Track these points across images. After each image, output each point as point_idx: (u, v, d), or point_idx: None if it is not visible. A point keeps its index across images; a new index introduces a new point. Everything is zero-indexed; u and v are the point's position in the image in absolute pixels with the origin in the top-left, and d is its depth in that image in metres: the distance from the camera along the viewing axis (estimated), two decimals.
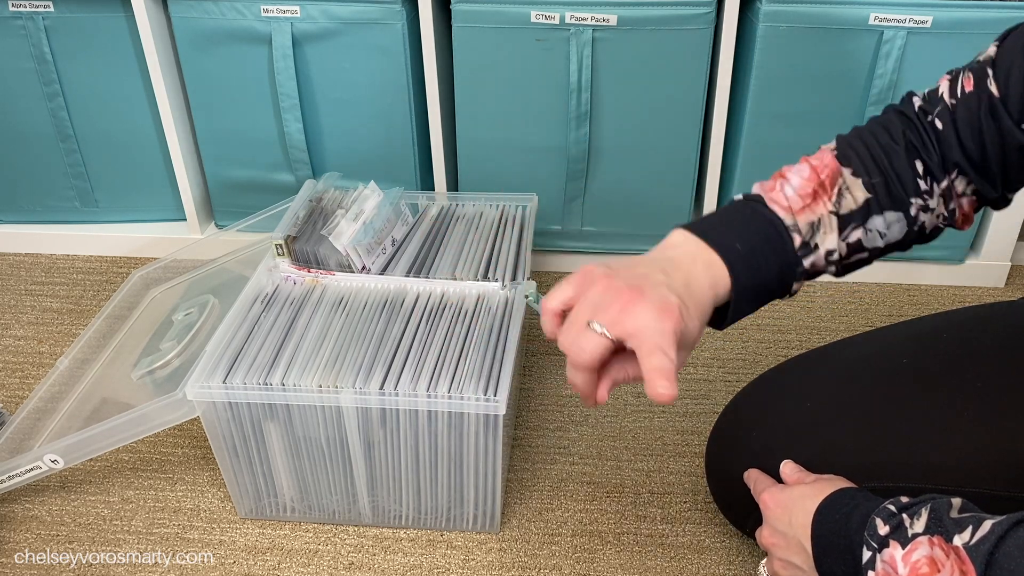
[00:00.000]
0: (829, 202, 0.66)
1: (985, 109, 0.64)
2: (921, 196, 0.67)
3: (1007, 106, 0.63)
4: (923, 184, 0.67)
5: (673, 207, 1.30)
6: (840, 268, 0.69)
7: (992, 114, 0.64)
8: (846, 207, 0.67)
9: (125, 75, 1.28)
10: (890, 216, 0.67)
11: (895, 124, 0.69)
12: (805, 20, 1.12)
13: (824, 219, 0.66)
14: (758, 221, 0.66)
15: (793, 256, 0.65)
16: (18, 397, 1.14)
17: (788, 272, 0.66)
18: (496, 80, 1.20)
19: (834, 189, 0.67)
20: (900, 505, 0.59)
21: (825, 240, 0.66)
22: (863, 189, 0.67)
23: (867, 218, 0.67)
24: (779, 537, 0.70)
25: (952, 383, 0.77)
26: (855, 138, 0.69)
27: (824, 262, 0.67)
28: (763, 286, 0.65)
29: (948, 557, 0.53)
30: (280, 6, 1.18)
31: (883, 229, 0.68)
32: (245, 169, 1.33)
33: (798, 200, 0.66)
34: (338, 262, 0.98)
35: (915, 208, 0.68)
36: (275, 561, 0.92)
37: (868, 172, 0.67)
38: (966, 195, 0.69)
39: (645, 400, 1.12)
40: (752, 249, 0.64)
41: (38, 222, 1.43)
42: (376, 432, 0.85)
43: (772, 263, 0.65)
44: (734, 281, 0.63)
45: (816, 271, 0.68)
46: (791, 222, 0.66)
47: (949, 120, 0.66)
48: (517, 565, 0.91)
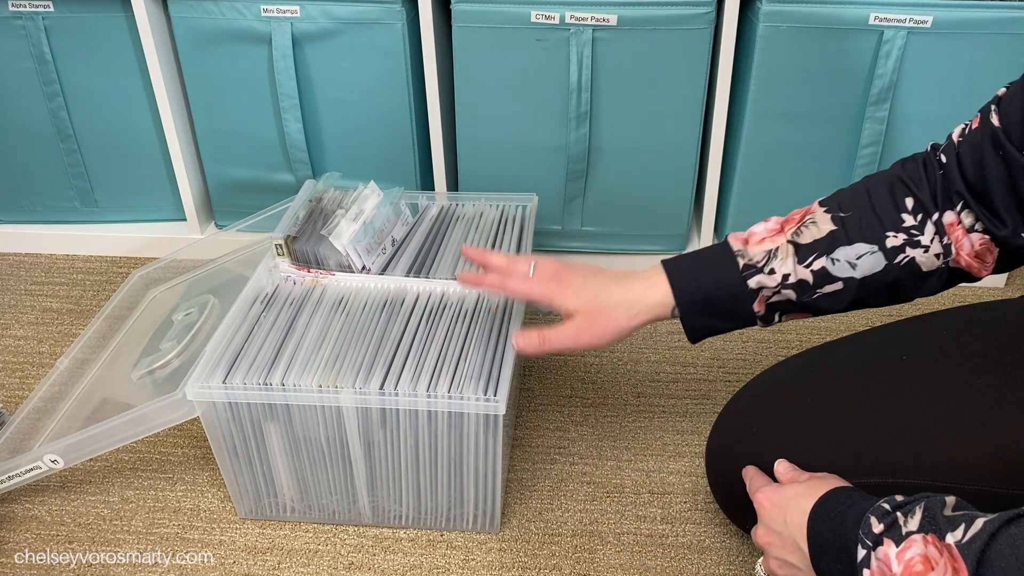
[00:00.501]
0: (789, 233, 0.75)
1: (988, 141, 0.67)
2: (904, 231, 0.72)
3: (1008, 135, 0.65)
4: (909, 219, 0.72)
5: (673, 207, 1.30)
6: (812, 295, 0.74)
7: (995, 145, 0.66)
8: (808, 237, 0.74)
9: (125, 75, 1.28)
10: (860, 247, 0.72)
11: (895, 166, 0.75)
12: (805, 20, 1.12)
13: (781, 247, 0.74)
14: (712, 250, 0.77)
15: (736, 275, 0.74)
16: (18, 397, 1.14)
17: (736, 290, 0.75)
18: (496, 80, 1.20)
19: (799, 223, 0.75)
20: (894, 504, 0.59)
21: (782, 266, 0.74)
22: (829, 222, 0.74)
23: (832, 248, 0.73)
24: (775, 536, 0.70)
25: (951, 381, 0.77)
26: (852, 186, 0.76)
27: (779, 285, 0.74)
28: (711, 302, 0.76)
29: (942, 555, 0.53)
30: (280, 6, 1.18)
31: (852, 259, 0.73)
32: (245, 169, 1.33)
33: (760, 234, 0.76)
34: (338, 262, 0.98)
35: (894, 241, 0.72)
36: (275, 561, 0.92)
37: (841, 208, 0.74)
38: (975, 231, 0.71)
39: (645, 400, 1.12)
40: (695, 269, 0.77)
41: (38, 222, 1.43)
42: (376, 432, 0.86)
43: (711, 279, 0.75)
44: (675, 292, 0.76)
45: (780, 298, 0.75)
46: (738, 248, 0.75)
47: (953, 154, 0.70)
48: (517, 565, 0.91)
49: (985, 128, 0.68)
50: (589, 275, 0.80)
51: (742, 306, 0.76)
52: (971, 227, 0.70)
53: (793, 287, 0.74)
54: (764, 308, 0.76)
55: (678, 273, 0.77)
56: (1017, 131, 0.65)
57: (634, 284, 0.78)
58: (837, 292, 0.74)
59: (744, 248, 0.75)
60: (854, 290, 0.74)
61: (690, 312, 0.77)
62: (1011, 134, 0.65)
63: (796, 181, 1.25)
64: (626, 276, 0.80)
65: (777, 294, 0.75)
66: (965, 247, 0.71)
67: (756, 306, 0.76)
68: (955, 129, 0.72)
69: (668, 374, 1.16)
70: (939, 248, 0.72)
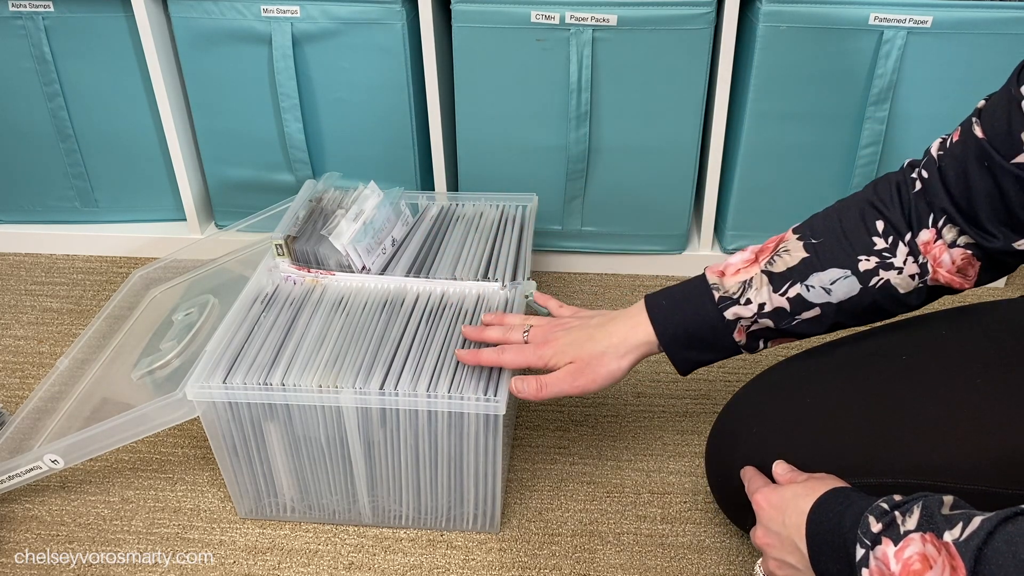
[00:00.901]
0: (763, 263, 0.77)
1: (972, 155, 0.67)
2: (876, 254, 0.73)
3: (994, 145, 0.65)
4: (880, 242, 0.73)
5: (673, 207, 1.30)
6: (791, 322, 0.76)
7: (980, 157, 0.66)
8: (781, 265, 0.76)
9: (125, 75, 1.28)
10: (833, 273, 0.74)
11: (867, 189, 0.76)
12: (805, 20, 1.12)
13: (756, 277, 0.76)
14: (689, 284, 0.80)
15: (713, 308, 0.77)
16: (18, 397, 1.14)
17: (714, 323, 0.77)
18: (496, 80, 1.20)
19: (773, 252, 0.77)
20: (893, 503, 0.60)
21: (757, 295, 0.76)
22: (802, 249, 0.75)
23: (806, 275, 0.75)
24: (773, 537, 0.70)
25: (951, 381, 0.77)
26: (825, 210, 0.78)
27: (755, 314, 0.76)
28: (692, 335, 0.78)
29: (940, 553, 0.53)
30: (280, 6, 1.18)
31: (826, 285, 0.74)
32: (245, 169, 1.33)
33: (736, 266, 0.78)
34: (338, 262, 0.98)
35: (866, 265, 0.73)
36: (275, 561, 0.92)
37: (813, 234, 0.76)
38: (957, 246, 0.71)
39: (645, 400, 1.12)
40: (674, 304, 0.79)
41: (38, 222, 1.43)
42: (376, 432, 0.86)
43: (690, 314, 0.78)
44: (656, 329, 0.79)
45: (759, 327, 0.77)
46: (713, 281, 0.78)
47: (935, 169, 0.70)
48: (517, 565, 0.91)
49: (968, 141, 0.68)
50: (576, 328, 0.83)
51: (722, 337, 0.78)
52: (953, 242, 0.71)
53: (770, 315, 0.76)
54: (745, 337, 0.78)
55: (658, 310, 0.80)
56: (1002, 141, 0.65)
57: (618, 327, 0.81)
58: (816, 317, 0.76)
59: (720, 280, 0.78)
60: (832, 314, 0.76)
61: (674, 347, 0.80)
62: (996, 144, 0.65)
63: (796, 181, 1.25)
64: (611, 320, 0.82)
65: (755, 323, 0.77)
66: (945, 263, 0.72)
67: (736, 336, 0.78)
68: (933, 144, 0.73)
69: (668, 374, 1.16)
70: (914, 268, 0.73)
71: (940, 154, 0.71)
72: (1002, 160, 0.65)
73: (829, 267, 0.74)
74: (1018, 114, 0.63)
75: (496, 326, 0.87)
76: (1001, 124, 0.65)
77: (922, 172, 0.72)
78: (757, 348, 0.80)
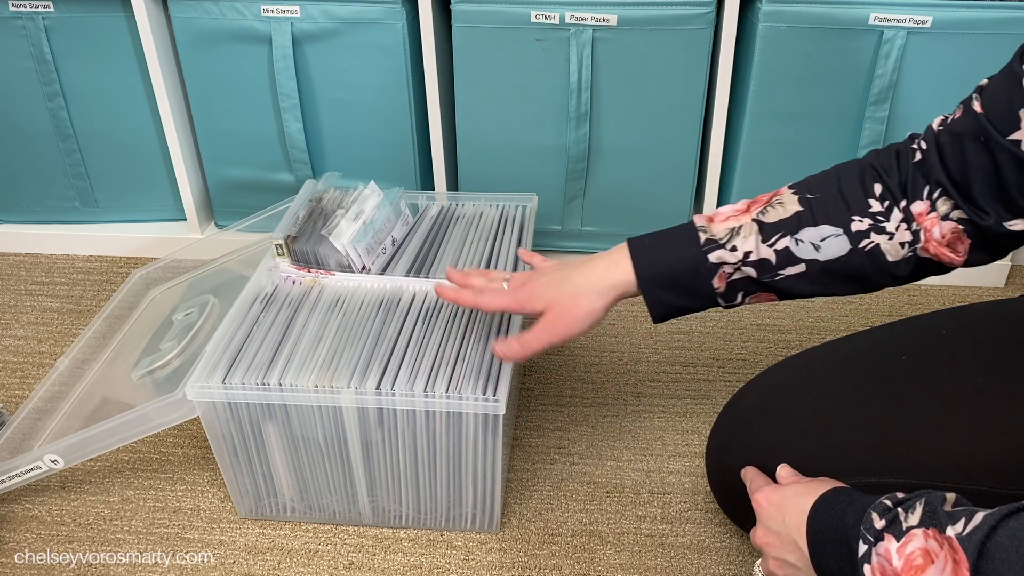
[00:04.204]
0: (755, 212, 0.75)
1: (971, 131, 0.67)
2: (871, 216, 0.72)
3: (991, 121, 0.65)
4: (876, 205, 0.72)
5: (673, 207, 1.30)
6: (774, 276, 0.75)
7: (978, 132, 0.66)
8: (774, 216, 0.74)
9: (125, 75, 1.28)
10: (825, 229, 0.73)
11: (869, 155, 0.75)
12: (805, 20, 1.12)
13: (745, 225, 0.75)
14: (676, 228, 0.78)
15: (697, 249, 0.75)
16: (18, 397, 1.14)
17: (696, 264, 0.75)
18: (496, 80, 1.20)
19: (766, 204, 0.76)
20: (896, 500, 0.60)
21: (744, 243, 0.74)
22: (796, 203, 0.74)
23: (798, 229, 0.73)
24: (773, 536, 0.70)
25: (952, 380, 0.77)
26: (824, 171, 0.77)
27: (740, 261, 0.74)
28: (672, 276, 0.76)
29: (942, 548, 0.54)
30: (280, 6, 1.18)
31: (816, 241, 0.73)
32: (245, 169, 1.33)
33: (725, 213, 0.77)
34: (338, 262, 0.98)
35: (859, 226, 0.72)
36: (275, 561, 0.92)
37: (809, 190, 0.75)
38: (949, 219, 0.70)
39: (645, 400, 1.12)
40: (657, 243, 0.78)
41: (38, 222, 1.43)
42: (374, 432, 0.85)
43: (672, 253, 0.76)
44: (636, 265, 0.77)
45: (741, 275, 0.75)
46: (701, 224, 0.76)
47: (933, 143, 0.70)
48: (517, 565, 0.91)
49: (967, 117, 0.68)
50: (553, 270, 0.82)
51: (702, 282, 0.76)
52: (946, 215, 0.70)
53: (754, 265, 0.74)
54: (725, 285, 0.76)
55: (640, 248, 0.78)
56: (1000, 116, 0.65)
57: (597, 265, 0.79)
58: (800, 274, 0.74)
59: (708, 225, 0.76)
60: (817, 274, 0.74)
61: (651, 285, 0.77)
62: (994, 120, 0.65)
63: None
64: (591, 259, 0.80)
65: (738, 271, 0.75)
66: (935, 235, 0.71)
67: (716, 282, 0.76)
68: (936, 119, 0.72)
69: (668, 374, 1.16)
70: (906, 236, 0.71)
71: (940, 129, 0.71)
72: (999, 136, 0.65)
73: (822, 223, 0.73)
74: (1018, 90, 0.63)
75: (480, 275, 0.86)
76: (1001, 100, 0.65)
77: (921, 144, 0.72)
78: (734, 301, 0.78)
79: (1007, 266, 1.31)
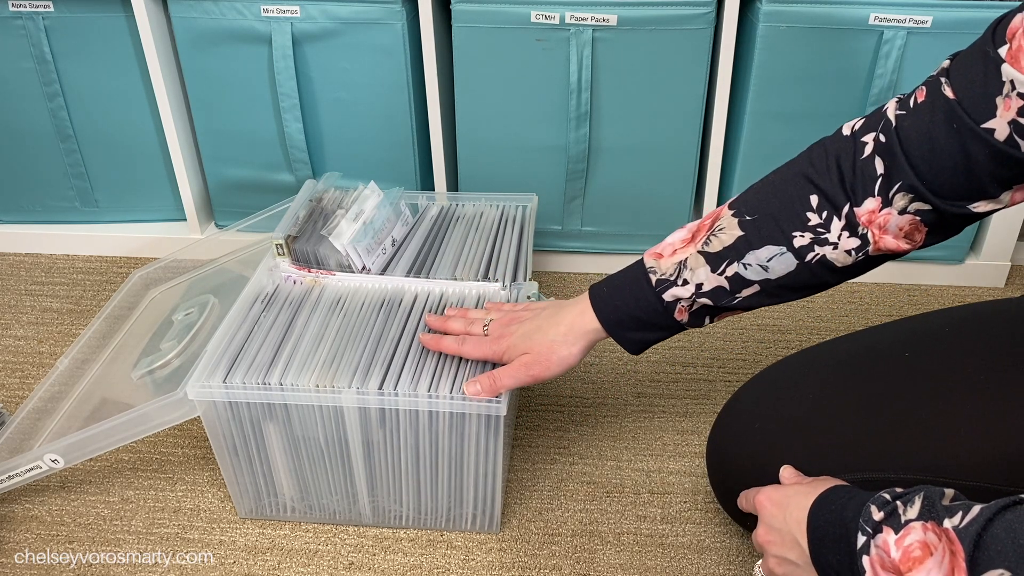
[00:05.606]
0: (699, 243, 0.76)
1: (941, 116, 0.64)
2: (810, 230, 0.71)
3: (964, 107, 0.63)
4: (814, 218, 0.71)
5: (673, 207, 1.30)
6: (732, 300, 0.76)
7: (949, 119, 0.64)
8: (718, 245, 0.75)
9: (125, 75, 1.28)
10: (769, 250, 0.73)
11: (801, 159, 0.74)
12: (805, 20, 1.12)
13: (691, 258, 0.76)
14: (629, 270, 0.80)
15: (651, 291, 0.77)
16: (18, 397, 1.14)
17: (654, 305, 0.78)
18: (496, 80, 1.20)
19: (709, 231, 0.76)
20: (895, 494, 0.60)
21: (694, 275, 0.76)
22: (737, 227, 0.74)
23: (742, 254, 0.74)
24: (774, 534, 0.70)
25: (952, 380, 0.77)
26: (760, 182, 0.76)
27: (693, 295, 0.76)
28: (635, 318, 0.79)
29: (940, 540, 0.54)
30: (280, 6, 1.18)
31: (763, 262, 0.73)
32: (245, 169, 1.33)
33: (673, 246, 0.78)
34: (338, 262, 0.98)
35: (801, 241, 0.72)
36: (275, 561, 0.92)
37: (747, 211, 0.74)
38: (907, 212, 0.68)
39: (645, 400, 1.12)
40: (614, 290, 0.80)
41: (38, 222, 1.43)
42: (375, 432, 0.86)
43: (630, 299, 0.79)
44: (599, 316, 0.80)
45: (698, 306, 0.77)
46: (651, 264, 0.78)
47: (892, 131, 0.67)
48: (517, 565, 0.91)
49: (936, 102, 0.65)
50: (528, 321, 0.85)
51: (664, 318, 0.79)
52: (903, 209, 0.68)
53: (708, 295, 0.76)
54: (687, 316, 0.78)
55: (600, 298, 0.81)
56: (974, 103, 0.62)
57: (566, 316, 0.82)
58: (756, 293, 0.76)
59: (656, 263, 0.78)
60: (773, 289, 0.75)
61: (619, 331, 0.81)
62: (967, 106, 0.63)
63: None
64: (560, 309, 0.84)
65: (695, 303, 0.77)
66: (891, 230, 0.69)
67: (678, 316, 0.78)
68: (888, 104, 0.70)
69: (668, 374, 1.16)
70: (852, 243, 0.70)
71: (900, 114, 0.68)
72: (972, 123, 0.62)
73: (764, 244, 0.73)
74: (995, 76, 0.61)
75: (459, 318, 0.89)
76: (976, 86, 0.62)
77: (879, 136, 0.68)
78: (703, 324, 0.80)
79: (1007, 266, 1.31)
